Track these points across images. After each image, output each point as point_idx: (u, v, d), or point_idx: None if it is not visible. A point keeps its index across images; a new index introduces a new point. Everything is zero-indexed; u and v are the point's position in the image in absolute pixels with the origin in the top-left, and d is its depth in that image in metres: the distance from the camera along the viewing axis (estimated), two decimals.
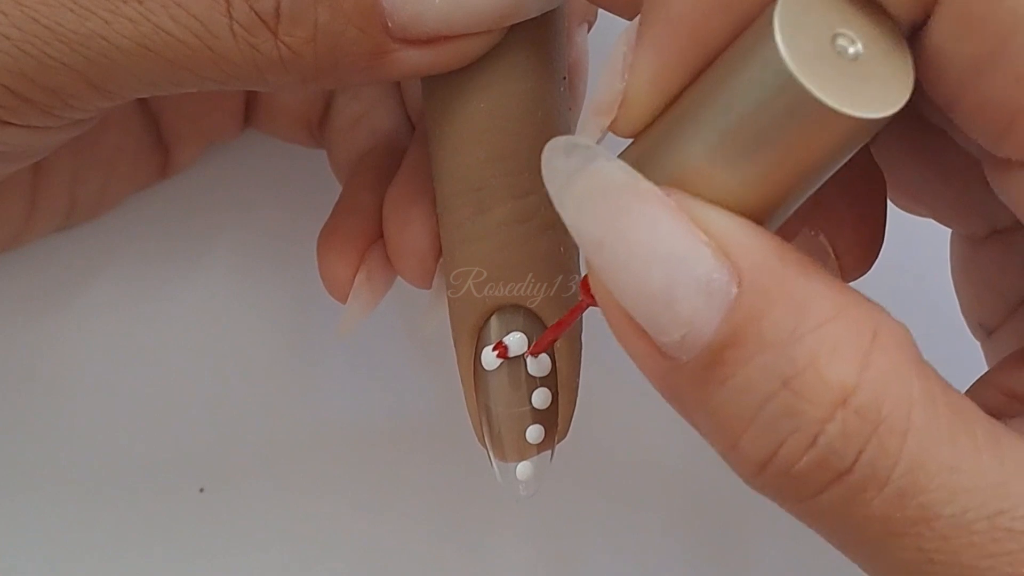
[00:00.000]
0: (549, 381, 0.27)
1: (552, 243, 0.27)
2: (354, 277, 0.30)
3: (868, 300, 0.20)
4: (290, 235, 0.35)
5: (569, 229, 0.21)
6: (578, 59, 0.30)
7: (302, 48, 0.24)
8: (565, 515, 0.34)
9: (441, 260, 0.28)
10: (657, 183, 0.20)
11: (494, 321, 0.27)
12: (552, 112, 0.27)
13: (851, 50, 0.19)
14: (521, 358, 0.27)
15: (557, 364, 0.27)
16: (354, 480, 0.34)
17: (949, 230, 0.27)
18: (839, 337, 0.19)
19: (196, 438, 0.34)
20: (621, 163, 0.20)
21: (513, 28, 0.25)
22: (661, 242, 0.20)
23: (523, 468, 0.28)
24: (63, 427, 0.34)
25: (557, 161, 0.21)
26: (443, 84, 0.26)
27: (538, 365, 0.27)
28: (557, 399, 0.28)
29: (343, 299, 0.30)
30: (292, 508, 0.34)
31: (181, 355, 0.35)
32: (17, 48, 0.24)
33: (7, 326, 0.34)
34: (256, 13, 0.24)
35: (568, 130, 0.27)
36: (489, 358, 0.27)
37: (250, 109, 0.34)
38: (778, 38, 0.18)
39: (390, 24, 0.24)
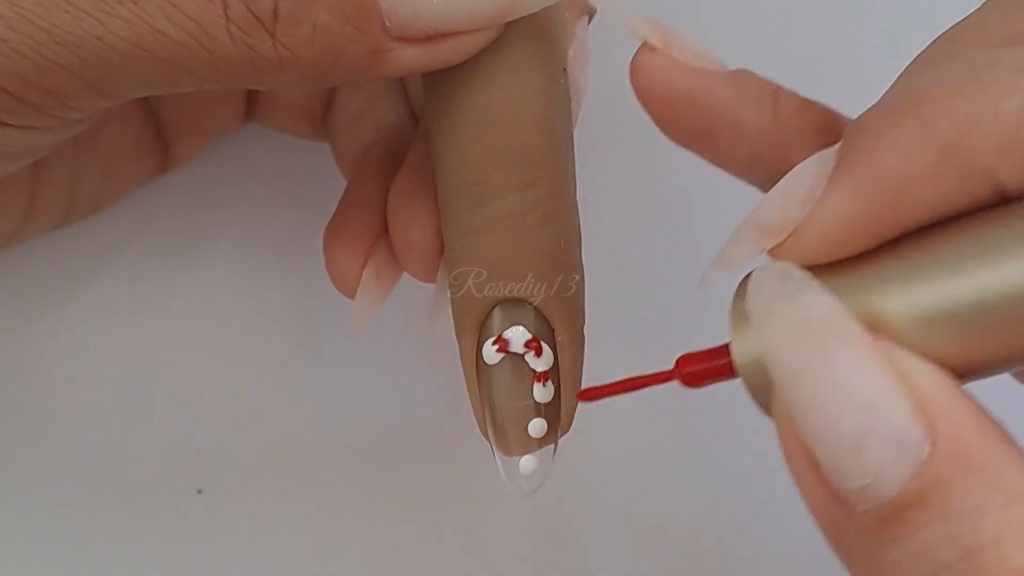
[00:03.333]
0: (552, 375, 0.27)
1: (553, 236, 0.27)
2: (361, 272, 0.30)
3: None
4: (292, 230, 0.35)
5: (765, 356, 0.21)
6: (578, 52, 0.30)
7: (300, 48, 0.24)
8: (568, 512, 0.34)
9: (444, 254, 0.28)
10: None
11: (496, 315, 0.27)
12: (552, 105, 0.26)
13: None
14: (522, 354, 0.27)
15: (560, 358, 0.27)
16: (355, 479, 0.34)
17: None
18: None
19: (195, 438, 0.34)
20: (834, 300, 0.20)
21: (512, 22, 0.25)
22: (861, 387, 0.20)
23: (526, 462, 0.28)
24: (62, 425, 0.34)
25: (767, 285, 0.21)
26: (442, 78, 0.26)
27: (541, 359, 0.27)
28: (560, 393, 0.27)
29: (351, 295, 0.30)
30: (292, 509, 0.34)
31: (181, 354, 0.35)
32: (13, 50, 0.24)
33: (6, 324, 0.34)
34: (253, 14, 0.24)
35: (569, 123, 0.27)
36: (490, 352, 0.27)
37: (251, 103, 0.34)
38: None
39: (388, 23, 0.24)
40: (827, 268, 0.21)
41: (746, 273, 0.22)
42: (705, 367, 0.23)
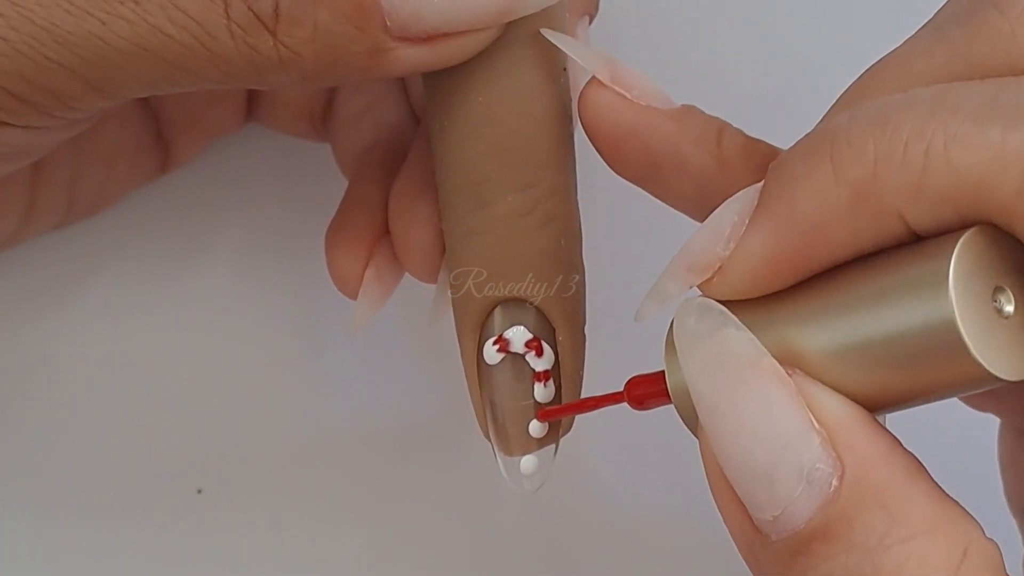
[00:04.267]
0: (553, 375, 0.27)
1: (553, 237, 0.27)
2: (363, 273, 0.30)
3: (964, 514, 0.20)
4: (293, 230, 0.35)
5: (689, 389, 0.21)
6: None
7: (301, 48, 0.24)
8: (569, 512, 0.34)
9: (445, 255, 0.28)
10: (771, 353, 0.21)
11: (497, 314, 0.27)
12: (552, 105, 0.27)
13: (1007, 308, 0.20)
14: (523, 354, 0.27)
15: (560, 358, 0.27)
16: (355, 479, 0.34)
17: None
18: (928, 553, 0.20)
19: (194, 439, 0.34)
20: (750, 336, 0.21)
21: (513, 21, 0.25)
22: (773, 422, 0.20)
23: (527, 462, 0.27)
24: (61, 425, 0.34)
25: (688, 320, 0.22)
26: (443, 78, 0.26)
27: (542, 359, 0.27)
28: (561, 393, 0.27)
29: (353, 296, 0.30)
30: (292, 509, 0.34)
31: (181, 354, 0.35)
32: (14, 49, 0.24)
33: (6, 324, 0.34)
34: (255, 14, 0.24)
35: (569, 123, 0.27)
36: (491, 352, 0.27)
37: (252, 103, 0.34)
38: (952, 294, 0.19)
39: (389, 23, 0.24)
40: (750, 303, 0.22)
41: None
42: (648, 391, 0.24)
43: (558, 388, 0.27)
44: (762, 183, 0.22)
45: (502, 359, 0.27)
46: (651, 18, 0.37)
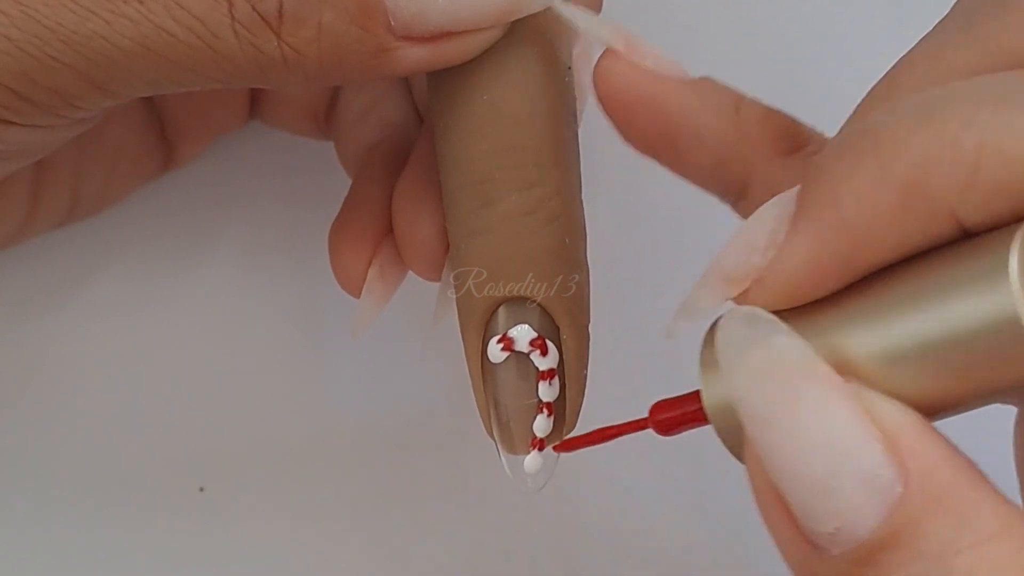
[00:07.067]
0: (557, 373, 0.27)
1: (557, 236, 0.26)
2: (367, 272, 0.30)
3: None
4: (296, 229, 0.35)
5: (735, 400, 0.21)
6: (583, 50, 0.30)
7: (305, 48, 0.24)
8: (572, 511, 0.34)
9: (449, 253, 0.29)
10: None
11: (502, 313, 0.27)
12: (557, 104, 0.27)
13: None
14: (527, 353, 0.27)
15: (564, 356, 0.27)
16: (358, 478, 0.34)
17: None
18: (1000, 556, 0.19)
19: (196, 437, 0.34)
20: (802, 343, 0.20)
21: (517, 20, 0.25)
22: (832, 430, 0.20)
23: (531, 460, 0.27)
24: (64, 424, 0.34)
25: (735, 329, 0.21)
26: (446, 77, 0.26)
27: (546, 358, 0.27)
28: (565, 392, 0.27)
29: (356, 294, 0.30)
30: (294, 507, 0.34)
31: (183, 352, 0.35)
32: (18, 48, 0.24)
33: (7, 324, 0.34)
34: (259, 14, 0.24)
35: (573, 122, 0.27)
36: (495, 351, 0.27)
37: (255, 102, 0.34)
38: (1014, 287, 0.19)
39: (393, 22, 0.24)
40: (793, 311, 0.21)
41: (715, 319, 0.22)
42: (677, 414, 0.23)
43: (562, 387, 0.27)
44: (797, 188, 0.21)
45: (506, 358, 0.27)
46: (652, 18, 0.37)
